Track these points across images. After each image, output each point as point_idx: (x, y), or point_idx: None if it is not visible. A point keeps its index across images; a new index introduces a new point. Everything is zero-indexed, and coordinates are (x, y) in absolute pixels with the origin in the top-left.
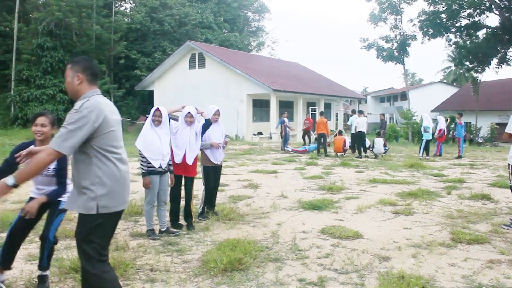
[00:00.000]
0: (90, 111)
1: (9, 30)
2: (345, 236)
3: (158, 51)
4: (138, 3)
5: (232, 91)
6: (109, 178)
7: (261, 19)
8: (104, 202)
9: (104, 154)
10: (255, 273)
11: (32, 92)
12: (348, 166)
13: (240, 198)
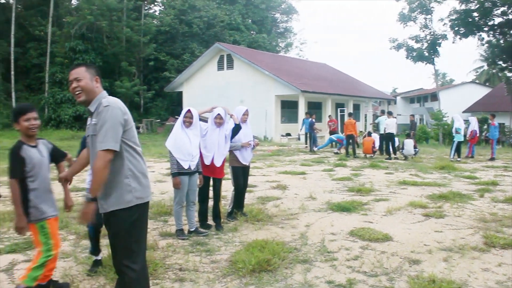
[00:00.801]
0: (118, 104)
1: (43, 34)
2: (375, 239)
3: (187, 53)
4: (167, 6)
5: (260, 92)
6: (139, 171)
7: (289, 20)
8: (138, 194)
9: (133, 148)
10: (283, 274)
11: (65, 94)
12: (377, 168)
13: (269, 199)
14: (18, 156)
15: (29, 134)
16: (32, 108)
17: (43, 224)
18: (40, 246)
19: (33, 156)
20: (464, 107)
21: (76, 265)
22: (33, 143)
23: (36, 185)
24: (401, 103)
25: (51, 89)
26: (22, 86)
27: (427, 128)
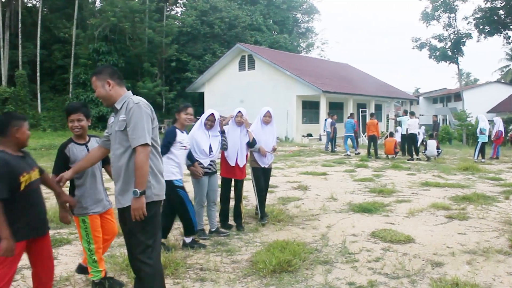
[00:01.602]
0: (145, 104)
1: (68, 36)
2: (396, 240)
3: (208, 54)
4: (189, 7)
5: (282, 92)
6: (158, 169)
7: (311, 20)
8: (156, 191)
9: (155, 147)
10: (304, 275)
11: (89, 95)
12: (399, 169)
13: (290, 200)
14: (62, 154)
15: (75, 133)
16: (75, 110)
17: (85, 219)
18: (81, 241)
19: (79, 154)
20: (488, 107)
21: None
22: (82, 141)
23: (81, 181)
24: (424, 103)
25: (75, 90)
26: (47, 87)
27: (450, 128)
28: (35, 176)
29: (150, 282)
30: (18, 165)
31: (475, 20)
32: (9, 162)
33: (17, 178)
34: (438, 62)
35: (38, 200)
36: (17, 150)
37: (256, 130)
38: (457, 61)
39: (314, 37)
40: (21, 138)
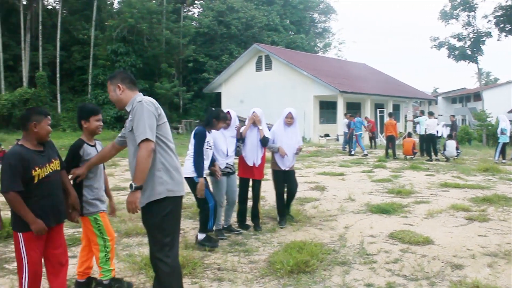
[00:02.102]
0: (148, 102)
1: (87, 38)
2: (415, 242)
3: (225, 54)
4: (206, 8)
5: (299, 93)
6: (170, 165)
7: (327, 20)
8: (170, 187)
9: (165, 143)
10: (321, 276)
11: (107, 96)
12: (417, 169)
13: (307, 200)
14: (75, 153)
15: (96, 133)
16: (101, 110)
17: (96, 217)
18: (95, 239)
19: (92, 154)
20: (509, 107)
21: (117, 263)
22: (92, 143)
23: (91, 182)
24: (443, 103)
25: (94, 91)
26: (66, 88)
27: (469, 129)
28: (53, 168)
29: (168, 281)
30: (32, 159)
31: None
32: (23, 156)
33: (29, 172)
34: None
35: (53, 192)
36: (36, 145)
37: (278, 132)
38: (476, 60)
39: (331, 37)
40: (40, 132)
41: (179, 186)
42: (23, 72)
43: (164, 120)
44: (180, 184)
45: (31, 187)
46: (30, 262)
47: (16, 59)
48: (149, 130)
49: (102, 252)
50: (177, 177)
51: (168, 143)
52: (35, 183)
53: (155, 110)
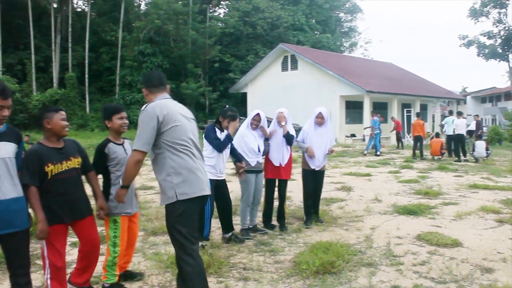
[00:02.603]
0: (152, 108)
1: (114, 39)
2: (443, 244)
3: (251, 54)
4: (232, 8)
5: (325, 92)
6: (182, 168)
7: (354, 19)
8: (181, 190)
9: (174, 147)
10: (347, 277)
11: (134, 96)
12: (445, 170)
13: (333, 201)
14: (101, 152)
15: (121, 132)
16: (123, 108)
17: (116, 219)
18: (107, 241)
19: (118, 153)
20: None
21: (144, 261)
22: (120, 141)
23: (118, 181)
24: (472, 103)
25: (121, 91)
26: (95, 88)
27: (500, 129)
28: (68, 165)
29: (190, 280)
30: (47, 156)
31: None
32: (38, 153)
33: (42, 168)
34: (487, 60)
35: (69, 189)
36: (56, 142)
37: (308, 131)
38: (507, 59)
39: (357, 37)
40: (54, 128)
41: (194, 187)
42: (54, 73)
43: (174, 124)
44: (195, 185)
45: (46, 183)
46: (50, 254)
47: (47, 61)
48: (141, 141)
49: (110, 256)
50: (192, 178)
51: (177, 146)
52: (49, 179)
53: (154, 120)
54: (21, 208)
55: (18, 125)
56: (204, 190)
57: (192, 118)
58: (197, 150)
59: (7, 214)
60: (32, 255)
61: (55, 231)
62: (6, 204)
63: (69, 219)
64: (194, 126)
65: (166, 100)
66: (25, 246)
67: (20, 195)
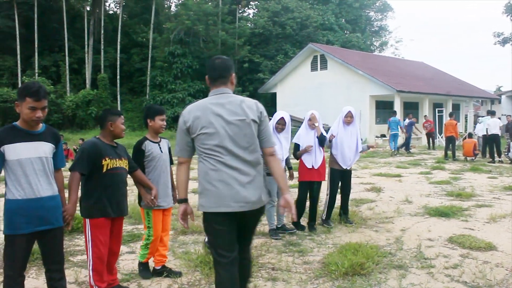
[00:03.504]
0: (183, 113)
1: (145, 40)
2: (476, 247)
3: (280, 54)
4: (261, 8)
5: (355, 92)
6: (204, 178)
7: (384, 18)
8: (201, 201)
9: (202, 155)
10: (377, 279)
11: (164, 96)
12: (479, 171)
13: (363, 202)
14: (139, 149)
15: (159, 132)
16: (165, 111)
17: (149, 212)
18: (145, 229)
19: (154, 150)
20: None
21: (174, 259)
22: (156, 140)
23: (151, 176)
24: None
25: (152, 92)
26: (126, 89)
27: None
28: (120, 164)
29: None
30: (105, 150)
31: None
32: (97, 145)
33: (100, 160)
34: None
35: (118, 185)
36: (111, 141)
37: (338, 131)
38: None
39: (388, 36)
40: (115, 131)
41: (213, 202)
42: (86, 75)
43: (201, 131)
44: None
45: (100, 175)
46: (94, 246)
47: (80, 63)
48: (177, 146)
49: (145, 240)
50: (213, 190)
51: (206, 154)
52: (104, 172)
53: (184, 123)
54: (56, 206)
55: (53, 125)
56: (228, 207)
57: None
58: (235, 159)
59: (43, 211)
60: (65, 252)
61: (101, 224)
62: (42, 202)
63: (115, 214)
64: (236, 130)
65: (208, 99)
66: (60, 243)
67: (55, 193)
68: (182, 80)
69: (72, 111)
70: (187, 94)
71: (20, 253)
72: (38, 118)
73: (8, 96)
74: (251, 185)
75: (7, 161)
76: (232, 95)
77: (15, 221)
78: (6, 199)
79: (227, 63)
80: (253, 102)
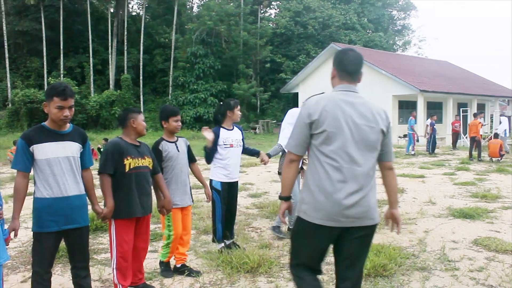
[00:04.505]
0: (308, 103)
1: (168, 41)
2: (502, 250)
3: (302, 54)
4: (283, 8)
5: (377, 92)
6: (314, 184)
7: (407, 17)
8: (305, 207)
9: (317, 157)
10: (399, 281)
11: (187, 96)
12: (505, 172)
13: (385, 203)
14: (156, 150)
15: (174, 132)
16: (179, 112)
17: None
18: (163, 228)
19: (170, 149)
20: None
21: (195, 258)
22: (173, 139)
23: (168, 175)
24: None
25: (174, 92)
26: (149, 89)
27: None
28: (142, 163)
29: None
30: (127, 149)
31: None
32: (119, 145)
33: (122, 159)
34: None
35: (141, 184)
36: (134, 140)
37: None
38: None
39: (411, 35)
40: (138, 128)
41: (319, 212)
42: (110, 75)
43: (327, 128)
44: (322, 210)
45: (123, 175)
46: (118, 245)
47: (104, 64)
48: (292, 140)
49: (166, 240)
50: (321, 200)
51: (326, 157)
52: (126, 172)
53: (304, 119)
54: (82, 205)
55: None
56: (334, 221)
57: (368, 125)
58: (355, 168)
59: (70, 210)
60: (90, 250)
61: (125, 224)
62: (69, 201)
63: (139, 214)
64: (363, 135)
65: (335, 94)
66: (86, 241)
67: (82, 192)
68: (204, 80)
69: (96, 111)
70: (209, 94)
71: (47, 250)
72: (66, 117)
73: (34, 97)
74: (365, 200)
75: (36, 161)
76: (361, 96)
77: (43, 219)
78: (35, 198)
79: (362, 57)
80: (381, 109)
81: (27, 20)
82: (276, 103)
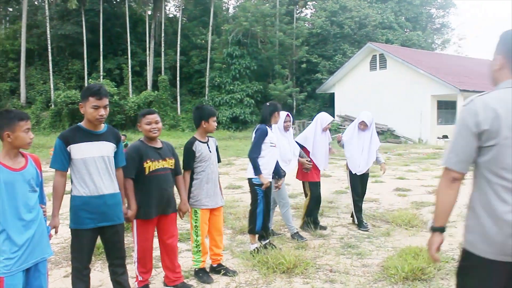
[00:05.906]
0: (474, 106)
1: (204, 43)
2: None
3: (338, 54)
4: (318, 8)
5: (415, 92)
6: (484, 209)
7: (446, 15)
8: (470, 237)
9: (486, 175)
10: (438, 285)
11: (223, 97)
12: None
13: (424, 205)
14: (190, 150)
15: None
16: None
17: (197, 210)
18: (191, 229)
19: (203, 150)
20: None
21: (232, 258)
22: (205, 139)
23: (200, 176)
24: None
25: (211, 93)
26: (185, 90)
27: None
28: (163, 165)
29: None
30: (146, 153)
31: None
32: (139, 149)
33: (141, 163)
34: None
35: (161, 186)
36: (154, 141)
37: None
38: None
39: (450, 33)
40: (142, 131)
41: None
42: (148, 77)
43: (500, 140)
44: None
45: (143, 178)
46: (139, 242)
47: (142, 65)
48: (451, 154)
49: (194, 243)
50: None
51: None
52: (146, 174)
53: (469, 128)
54: (117, 203)
55: (116, 125)
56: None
57: None
58: None
59: (106, 208)
60: (127, 248)
61: (144, 224)
62: (104, 199)
63: (155, 214)
64: None
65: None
66: (121, 238)
67: (116, 191)
68: (240, 81)
69: (134, 112)
70: (245, 95)
71: (85, 246)
72: (101, 116)
73: (76, 98)
74: None
75: (73, 160)
76: None
77: (80, 216)
78: (72, 196)
79: None
80: None
81: (69, 24)
82: (312, 103)
